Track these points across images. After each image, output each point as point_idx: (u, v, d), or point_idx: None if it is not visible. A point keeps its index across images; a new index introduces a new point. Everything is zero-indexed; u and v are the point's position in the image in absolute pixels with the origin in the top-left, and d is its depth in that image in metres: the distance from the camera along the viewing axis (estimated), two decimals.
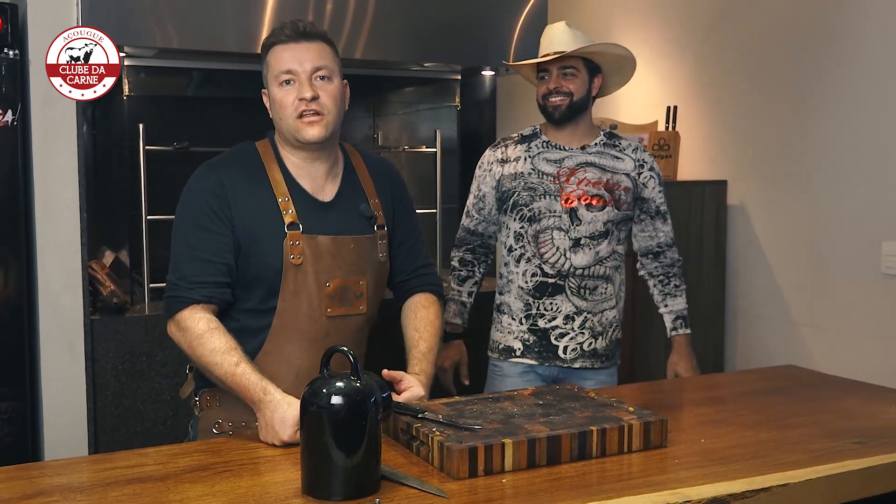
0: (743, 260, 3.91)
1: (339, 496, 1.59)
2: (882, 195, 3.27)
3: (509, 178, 2.78)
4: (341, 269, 2.14)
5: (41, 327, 2.92)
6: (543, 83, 2.77)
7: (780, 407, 2.25)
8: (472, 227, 2.91)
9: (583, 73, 2.75)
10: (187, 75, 3.95)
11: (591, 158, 2.77)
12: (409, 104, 4.50)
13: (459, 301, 2.92)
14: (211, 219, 2.07)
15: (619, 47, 2.80)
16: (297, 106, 2.07)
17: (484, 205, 2.87)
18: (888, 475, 1.83)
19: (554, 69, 2.74)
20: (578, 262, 2.72)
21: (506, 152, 2.83)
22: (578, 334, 2.74)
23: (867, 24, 3.32)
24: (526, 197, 2.74)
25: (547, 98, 2.75)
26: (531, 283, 2.75)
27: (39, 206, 2.90)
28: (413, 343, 2.24)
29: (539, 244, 2.73)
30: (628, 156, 2.81)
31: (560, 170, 2.74)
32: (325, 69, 2.10)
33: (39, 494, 1.64)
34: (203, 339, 2.00)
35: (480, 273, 2.94)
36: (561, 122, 2.76)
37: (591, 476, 1.73)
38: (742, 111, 3.90)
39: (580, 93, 2.75)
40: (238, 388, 1.95)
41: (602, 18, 4.79)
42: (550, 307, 2.74)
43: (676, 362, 2.87)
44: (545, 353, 2.75)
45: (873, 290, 3.31)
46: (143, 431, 3.00)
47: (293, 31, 2.10)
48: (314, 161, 2.16)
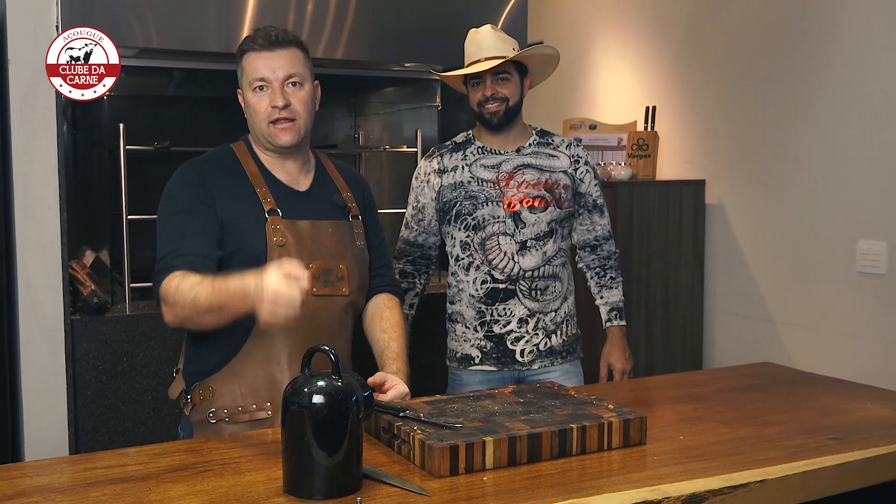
0: (721, 258, 3.94)
1: (321, 495, 1.60)
2: (858, 195, 3.31)
3: (449, 188, 2.77)
4: (322, 252, 2.21)
5: (21, 327, 2.90)
6: (477, 89, 2.75)
7: (758, 404, 2.27)
8: (412, 239, 2.89)
9: (515, 77, 2.75)
10: (168, 75, 3.93)
11: (528, 160, 2.78)
12: (389, 104, 4.50)
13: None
14: (195, 203, 2.14)
15: (548, 47, 2.82)
16: (269, 113, 2.18)
17: (423, 216, 2.85)
18: (864, 471, 1.86)
19: (488, 76, 2.72)
20: (527, 264, 2.73)
21: (442, 162, 2.81)
22: (533, 336, 2.75)
23: (842, 26, 3.36)
24: (468, 206, 2.74)
25: (483, 105, 2.73)
26: (482, 290, 2.75)
27: (19, 205, 2.89)
28: (384, 344, 2.29)
29: (486, 251, 2.73)
30: (563, 153, 2.83)
31: (499, 175, 2.75)
32: (297, 76, 2.19)
33: (20, 495, 1.64)
34: (181, 287, 1.99)
35: (421, 284, 2.91)
36: (499, 128, 2.76)
37: (572, 473, 1.74)
38: (720, 111, 3.93)
39: (515, 97, 2.75)
40: (226, 299, 1.91)
41: (581, 19, 4.81)
42: (504, 312, 2.74)
43: (609, 352, 2.89)
44: (503, 359, 2.75)
45: (849, 287, 3.34)
46: (124, 431, 2.99)
47: (266, 39, 2.18)
48: (286, 160, 2.27)
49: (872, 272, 3.25)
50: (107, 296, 3.09)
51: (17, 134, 2.88)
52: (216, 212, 2.14)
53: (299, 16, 3.25)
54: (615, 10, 4.59)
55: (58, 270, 2.92)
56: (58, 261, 2.92)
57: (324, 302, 2.19)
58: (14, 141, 2.87)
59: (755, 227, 3.77)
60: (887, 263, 3.20)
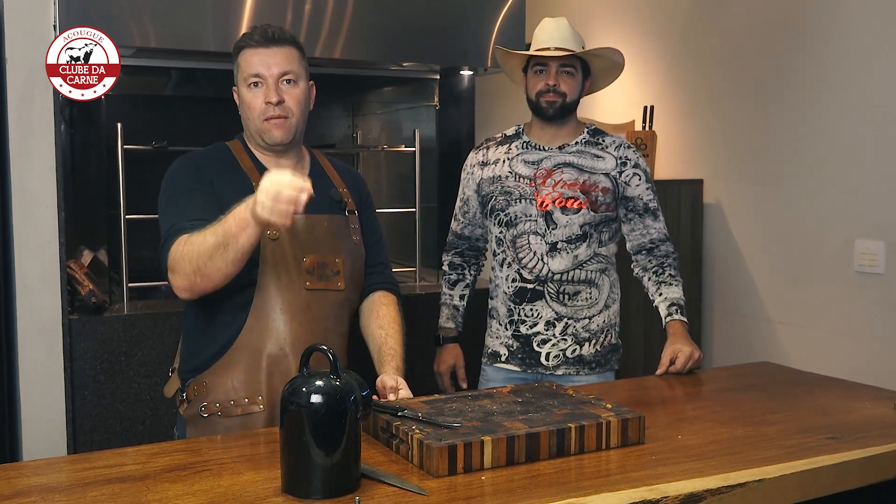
0: (719, 258, 3.94)
1: (319, 495, 1.60)
2: (855, 194, 3.31)
3: (488, 181, 2.76)
4: (317, 245, 2.22)
5: (19, 327, 2.90)
6: (539, 77, 2.69)
7: (756, 403, 2.27)
8: (459, 231, 2.90)
9: (579, 74, 2.71)
10: (165, 74, 3.93)
11: (569, 158, 2.71)
12: (388, 104, 4.50)
13: (451, 305, 2.89)
14: (196, 183, 2.17)
15: (618, 53, 2.75)
16: (264, 109, 2.19)
17: (469, 208, 2.85)
18: (861, 470, 1.86)
19: (554, 65, 2.67)
20: (556, 266, 2.67)
21: (486, 154, 2.80)
22: (560, 341, 2.69)
23: (841, 27, 3.36)
24: (502, 201, 2.71)
25: (542, 95, 2.68)
26: (511, 288, 2.72)
27: (17, 205, 2.88)
28: (381, 340, 2.29)
29: (517, 249, 2.70)
30: (610, 153, 2.73)
31: (537, 172, 2.70)
32: (292, 73, 2.21)
33: (17, 495, 1.64)
34: (187, 243, 2.01)
35: (472, 276, 2.91)
36: (552, 120, 2.70)
37: (570, 473, 1.74)
38: (718, 111, 3.93)
39: (573, 94, 2.70)
40: (227, 228, 1.93)
41: (580, 19, 4.80)
42: (531, 313, 2.70)
43: (674, 342, 2.62)
44: (528, 360, 2.72)
45: (847, 287, 3.35)
46: (122, 431, 2.99)
47: (262, 36, 2.21)
48: (280, 157, 2.29)
49: (870, 272, 3.25)
50: (105, 295, 3.09)
51: (15, 133, 2.87)
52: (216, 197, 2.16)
53: (297, 15, 3.24)
54: (613, 10, 4.59)
55: (55, 270, 2.92)
56: (55, 260, 2.92)
57: (318, 296, 2.19)
58: (11, 140, 2.87)
59: (753, 227, 3.77)
60: (885, 263, 3.20)
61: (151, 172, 2.23)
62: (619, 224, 2.78)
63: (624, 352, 2.85)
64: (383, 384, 2.13)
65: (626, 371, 3.59)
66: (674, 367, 2.56)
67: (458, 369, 2.84)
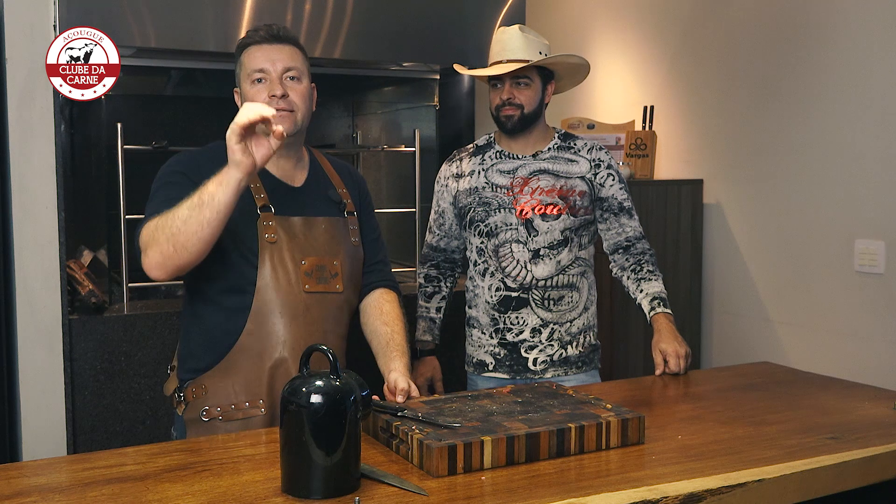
0: (719, 258, 3.94)
1: (319, 495, 1.59)
2: (856, 194, 3.31)
3: (465, 193, 2.76)
4: (315, 248, 2.21)
5: (19, 327, 2.90)
6: (496, 92, 2.71)
7: (756, 403, 2.27)
8: (435, 243, 2.89)
9: (536, 83, 2.69)
10: (166, 74, 3.94)
11: (545, 165, 2.72)
12: (388, 104, 4.50)
13: (428, 318, 2.88)
14: (184, 176, 2.12)
15: (574, 56, 2.74)
16: (267, 103, 2.14)
17: (444, 220, 2.84)
18: (861, 470, 1.86)
19: (507, 80, 2.67)
20: (540, 273, 2.68)
21: (460, 166, 2.80)
22: (547, 346, 2.71)
23: (841, 27, 3.36)
24: (481, 212, 2.71)
25: (500, 109, 2.69)
26: (495, 297, 2.72)
27: (17, 205, 2.88)
28: (388, 337, 2.28)
29: (500, 258, 2.70)
30: (583, 157, 2.74)
31: (513, 180, 2.70)
32: (295, 70, 2.21)
33: (17, 495, 1.64)
34: (161, 216, 1.96)
35: (447, 287, 2.90)
36: (513, 133, 2.72)
37: (570, 473, 1.74)
38: (718, 111, 3.93)
39: (531, 105, 2.69)
40: (207, 185, 1.90)
41: (579, 19, 4.81)
42: (517, 321, 2.70)
43: (659, 340, 2.60)
44: (516, 367, 2.72)
45: (847, 287, 3.35)
46: (122, 431, 2.99)
47: (267, 33, 2.21)
48: (280, 156, 2.25)
49: (870, 272, 3.25)
50: (105, 295, 3.09)
51: (15, 133, 2.88)
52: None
53: (297, 15, 3.25)
54: (613, 10, 4.59)
55: (55, 270, 2.92)
56: (55, 260, 2.92)
57: (317, 299, 2.19)
58: (11, 140, 2.87)
59: (753, 227, 3.77)
60: (885, 263, 3.20)
61: (151, 172, 2.22)
62: (596, 226, 2.79)
63: (623, 352, 2.86)
64: (396, 384, 2.11)
65: (626, 371, 3.60)
66: (668, 369, 2.57)
67: (436, 382, 2.83)
